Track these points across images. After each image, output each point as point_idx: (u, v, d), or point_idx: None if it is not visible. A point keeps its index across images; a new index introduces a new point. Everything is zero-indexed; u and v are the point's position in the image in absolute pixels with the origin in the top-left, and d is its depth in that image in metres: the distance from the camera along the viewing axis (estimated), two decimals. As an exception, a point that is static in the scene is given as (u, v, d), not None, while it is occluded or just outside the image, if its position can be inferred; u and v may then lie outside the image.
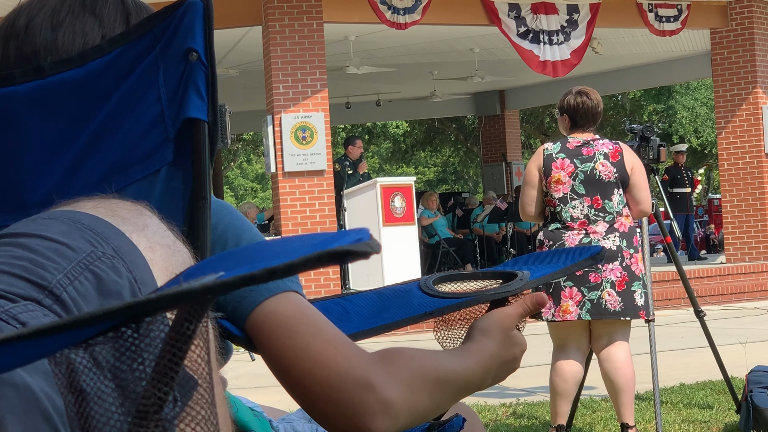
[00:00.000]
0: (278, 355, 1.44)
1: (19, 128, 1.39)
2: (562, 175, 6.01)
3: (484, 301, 1.74)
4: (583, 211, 5.96)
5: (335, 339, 1.44)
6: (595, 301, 5.88)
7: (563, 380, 6.02)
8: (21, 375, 1.00)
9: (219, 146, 1.47)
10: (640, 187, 6.01)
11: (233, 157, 42.47)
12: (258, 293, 1.46)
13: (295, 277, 1.51)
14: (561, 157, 6.05)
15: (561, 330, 6.08)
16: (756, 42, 17.20)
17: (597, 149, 6.01)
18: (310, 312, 1.47)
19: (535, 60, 15.70)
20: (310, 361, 1.42)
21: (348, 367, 1.41)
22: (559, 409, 6.09)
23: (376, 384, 1.41)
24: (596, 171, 5.97)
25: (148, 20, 1.42)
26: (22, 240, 1.15)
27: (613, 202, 5.94)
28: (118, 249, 1.16)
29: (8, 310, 1.05)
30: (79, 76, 1.40)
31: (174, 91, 1.41)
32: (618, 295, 5.87)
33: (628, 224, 5.97)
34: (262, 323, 1.46)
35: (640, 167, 6.06)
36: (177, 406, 1.01)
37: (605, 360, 5.96)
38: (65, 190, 1.38)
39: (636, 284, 5.90)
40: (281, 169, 14.24)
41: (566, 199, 6.01)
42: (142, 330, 0.96)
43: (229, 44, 16.33)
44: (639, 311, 5.91)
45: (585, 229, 5.94)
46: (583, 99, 6.12)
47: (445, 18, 15.23)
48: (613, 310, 5.87)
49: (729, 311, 14.11)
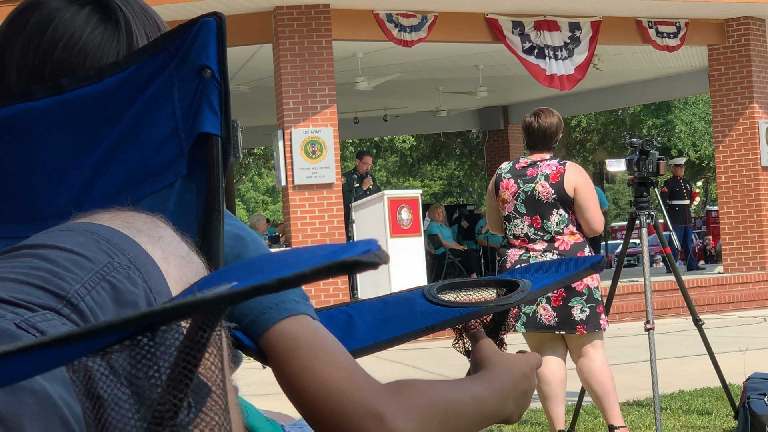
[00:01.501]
0: (293, 376, 1.43)
1: (38, 142, 1.40)
2: (507, 195, 6.15)
3: (487, 313, 1.73)
4: (523, 230, 6.09)
5: (350, 368, 1.43)
6: (531, 315, 6.03)
7: (546, 383, 6.10)
8: (40, 382, 1.00)
9: (231, 160, 1.47)
10: (585, 207, 6.03)
11: (245, 170, 42.54)
12: (276, 312, 1.46)
13: (308, 301, 1.51)
14: (507, 177, 6.17)
15: (533, 339, 6.20)
16: (752, 58, 17.20)
17: (540, 170, 6.09)
18: (328, 337, 1.46)
19: (542, 74, 15.69)
20: (325, 386, 1.41)
21: (360, 396, 1.41)
22: (552, 413, 6.14)
23: (386, 415, 1.40)
24: (536, 192, 6.06)
25: (163, 38, 1.42)
26: (40, 251, 1.15)
27: (551, 222, 6.03)
28: (133, 260, 1.16)
29: (28, 319, 1.05)
30: (96, 91, 1.40)
31: (188, 107, 1.41)
32: (553, 309, 5.98)
33: (571, 242, 6.01)
34: (279, 342, 1.45)
35: (586, 187, 6.07)
36: (191, 412, 1.01)
37: (580, 370, 6.09)
38: (82, 202, 1.38)
39: (575, 300, 5.96)
40: (291, 182, 14.25)
41: (510, 217, 6.15)
42: (158, 338, 0.96)
43: (241, 61, 16.36)
44: (576, 325, 5.97)
45: (525, 246, 6.06)
46: (531, 120, 6.19)
47: (450, 35, 15.24)
48: (547, 324, 5.99)
49: (727, 320, 14.08)
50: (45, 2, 1.51)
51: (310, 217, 14.30)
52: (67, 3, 1.51)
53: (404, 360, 10.58)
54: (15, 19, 1.52)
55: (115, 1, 1.52)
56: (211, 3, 13.23)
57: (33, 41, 1.49)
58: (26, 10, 1.52)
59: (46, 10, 1.50)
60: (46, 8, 1.50)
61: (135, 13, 1.53)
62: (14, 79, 1.49)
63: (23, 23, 1.51)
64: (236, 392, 1.42)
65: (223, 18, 1.41)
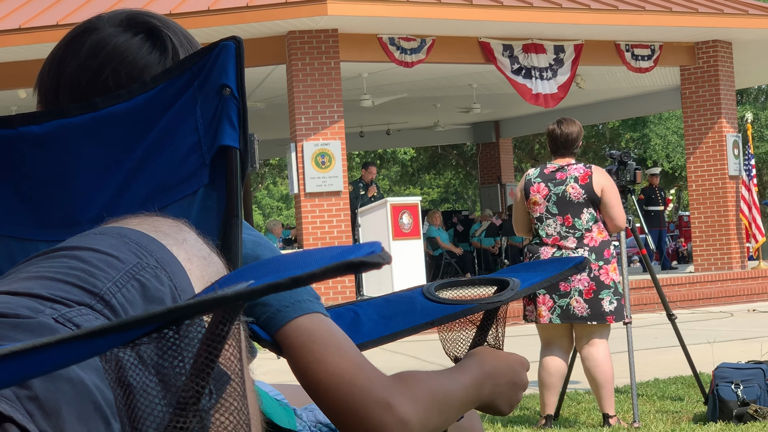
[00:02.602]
0: (307, 367, 1.44)
1: (74, 154, 1.40)
2: (538, 198, 6.10)
3: (480, 310, 1.74)
4: (556, 229, 6.05)
5: (360, 361, 1.44)
6: (565, 307, 5.98)
7: (548, 374, 6.10)
8: (76, 371, 1.00)
9: (249, 170, 1.47)
10: (611, 205, 6.03)
11: (261, 179, 42.50)
12: (292, 310, 1.47)
13: (320, 300, 1.52)
14: (538, 182, 6.13)
15: (546, 331, 6.15)
16: (720, 78, 17.20)
17: (569, 173, 6.06)
18: (339, 334, 1.47)
19: (529, 93, 15.69)
20: (338, 378, 1.42)
21: (370, 387, 1.42)
22: (546, 400, 6.15)
23: (393, 403, 1.41)
24: (567, 193, 6.02)
25: (188, 59, 1.42)
26: (76, 252, 1.16)
27: (582, 220, 6.00)
28: (160, 260, 1.16)
29: (65, 314, 1.05)
30: (126, 109, 1.40)
31: (210, 122, 1.42)
32: (585, 302, 5.94)
33: (599, 239, 6.00)
34: (295, 337, 1.46)
35: (611, 188, 6.07)
36: (212, 398, 1.01)
37: (586, 358, 6.02)
38: (114, 208, 1.38)
39: (605, 292, 5.94)
40: (303, 190, 14.25)
41: (542, 218, 6.10)
42: (182, 331, 0.96)
43: (257, 80, 16.36)
44: (606, 316, 5.94)
45: (557, 244, 6.03)
46: (554, 128, 6.19)
47: (446, 57, 15.24)
48: (580, 315, 5.95)
49: (697, 315, 14.06)
50: (101, 28, 1.51)
51: (320, 221, 14.30)
52: (122, 30, 1.51)
53: (405, 351, 10.57)
54: (72, 41, 1.52)
55: (164, 30, 1.52)
56: (231, 28, 13.23)
57: (88, 62, 1.49)
58: (83, 34, 1.51)
59: (102, 34, 1.50)
60: (101, 33, 1.50)
61: (180, 40, 1.53)
62: (68, 96, 1.49)
63: (80, 46, 1.50)
64: (252, 381, 1.42)
65: (241, 41, 1.41)
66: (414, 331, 1.73)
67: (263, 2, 13.44)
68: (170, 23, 1.55)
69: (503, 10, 14.54)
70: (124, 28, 1.51)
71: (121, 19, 1.52)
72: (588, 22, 15.10)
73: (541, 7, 14.71)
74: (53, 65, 1.52)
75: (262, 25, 13.73)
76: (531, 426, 6.29)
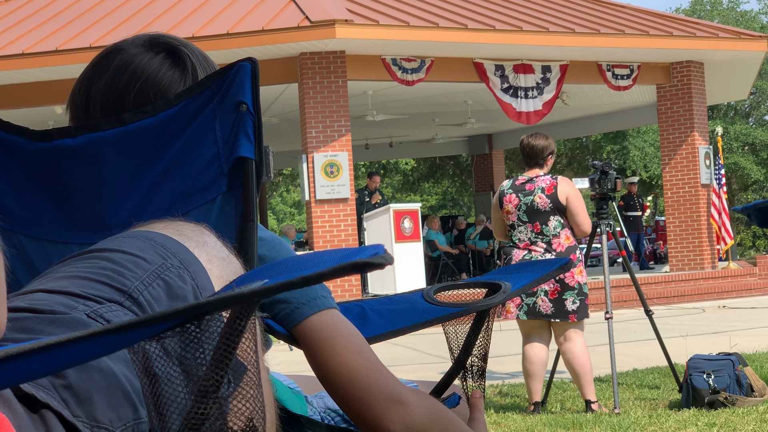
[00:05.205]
0: (326, 361, 1.44)
1: (105, 165, 1.40)
2: (510, 207, 6.15)
3: (474, 311, 1.75)
4: (527, 235, 6.09)
5: (375, 359, 1.45)
6: (531, 305, 6.04)
7: (530, 363, 6.13)
8: (106, 362, 1.01)
9: (264, 179, 1.47)
10: (576, 212, 6.05)
11: (275, 187, 42.53)
12: (310, 307, 1.47)
13: (332, 295, 1.52)
14: (510, 193, 6.16)
15: (525, 325, 6.20)
16: (693, 95, 17.20)
17: (537, 185, 6.10)
18: (354, 331, 1.48)
19: (513, 111, 15.71)
20: (355, 372, 1.42)
21: (385, 383, 1.42)
22: (532, 388, 6.16)
23: (406, 402, 1.42)
24: (535, 203, 6.06)
25: (208, 79, 1.42)
26: (106, 254, 1.16)
27: (550, 227, 6.03)
28: (183, 261, 1.16)
29: (96, 310, 1.05)
30: (152, 123, 1.40)
31: (228, 135, 1.42)
32: (550, 301, 5.98)
33: (566, 245, 6.02)
34: (315, 332, 1.46)
35: (576, 197, 6.08)
36: (231, 386, 1.01)
37: (564, 352, 6.08)
38: (141, 214, 1.39)
39: (569, 293, 5.96)
40: (314, 197, 14.26)
41: (514, 225, 6.15)
42: (203, 326, 0.96)
43: (272, 97, 16.37)
44: (569, 315, 5.98)
45: (528, 248, 6.04)
46: (522, 139, 6.23)
47: (444, 76, 15.25)
48: (545, 313, 6.00)
49: (672, 311, 14.05)
50: (126, 48, 1.52)
51: (329, 226, 14.30)
52: (145, 50, 1.51)
53: (406, 344, 10.57)
54: (100, 61, 1.53)
55: (183, 50, 1.53)
56: (248, 50, 13.24)
57: (115, 80, 1.49)
58: (110, 55, 1.52)
59: (127, 54, 1.50)
60: (126, 53, 1.51)
61: (198, 58, 1.53)
62: (98, 111, 1.50)
63: (107, 65, 1.51)
64: (267, 370, 1.42)
65: (256, 62, 1.42)
66: (415, 329, 1.75)
67: (277, 26, 13.47)
68: (188, 44, 1.55)
69: (495, 33, 14.55)
70: (146, 48, 1.51)
71: (144, 41, 1.53)
72: (572, 44, 15.11)
73: (529, 31, 14.72)
74: (83, 84, 1.53)
75: (276, 48, 13.74)
76: (521, 412, 6.28)
